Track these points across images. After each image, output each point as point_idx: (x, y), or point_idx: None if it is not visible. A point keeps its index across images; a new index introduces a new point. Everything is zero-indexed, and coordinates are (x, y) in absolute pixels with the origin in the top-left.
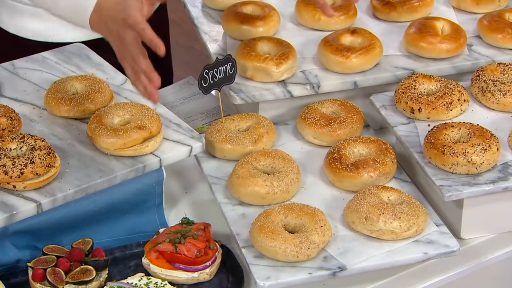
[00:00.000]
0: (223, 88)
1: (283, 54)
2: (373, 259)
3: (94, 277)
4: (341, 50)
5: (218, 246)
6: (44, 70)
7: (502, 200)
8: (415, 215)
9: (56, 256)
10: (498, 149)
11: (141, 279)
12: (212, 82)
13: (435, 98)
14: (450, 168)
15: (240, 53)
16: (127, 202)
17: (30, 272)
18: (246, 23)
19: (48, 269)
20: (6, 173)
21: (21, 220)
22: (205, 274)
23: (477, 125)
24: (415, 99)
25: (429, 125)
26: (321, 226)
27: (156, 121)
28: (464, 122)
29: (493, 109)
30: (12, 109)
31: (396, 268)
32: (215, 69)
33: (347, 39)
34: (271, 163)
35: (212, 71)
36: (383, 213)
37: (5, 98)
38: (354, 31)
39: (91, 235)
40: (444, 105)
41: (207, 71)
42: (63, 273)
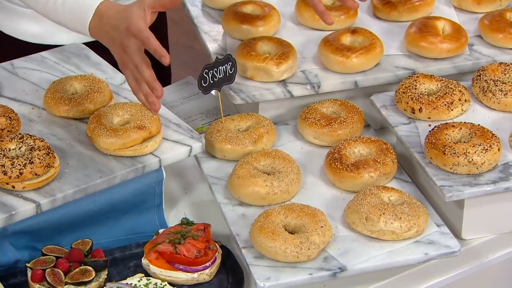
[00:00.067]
0: (223, 88)
1: (283, 54)
2: (374, 259)
3: (94, 278)
4: (342, 50)
5: (218, 246)
6: (43, 70)
7: (503, 201)
8: (415, 215)
9: (55, 256)
10: (499, 149)
11: (141, 279)
12: (212, 82)
13: (436, 98)
14: (451, 168)
15: (240, 52)
16: (126, 202)
17: (29, 273)
18: (246, 22)
19: (47, 270)
20: (5, 173)
21: (20, 221)
22: (205, 275)
23: (478, 125)
24: (415, 99)
25: (429, 125)
26: (322, 227)
27: (155, 121)
28: (465, 122)
29: (494, 109)
30: (11, 109)
31: (397, 269)
32: (215, 68)
33: (347, 39)
34: (271, 163)
35: (212, 71)
36: (383, 213)
37: (4, 98)
38: (354, 31)
39: (91, 235)
40: (445, 105)
41: (207, 71)
42: (62, 273)
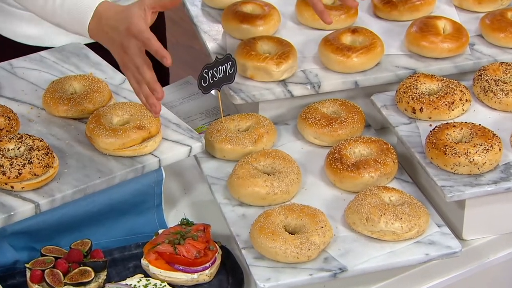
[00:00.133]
0: (222, 87)
1: (283, 54)
2: (374, 260)
3: (93, 279)
4: (342, 50)
5: (218, 247)
6: (42, 70)
7: (504, 201)
8: (416, 216)
9: (54, 257)
10: (500, 149)
11: (140, 280)
12: (211, 81)
13: (437, 98)
14: (452, 169)
15: (240, 52)
16: (126, 202)
17: (28, 274)
18: (246, 22)
19: (46, 271)
20: (4, 173)
21: (19, 221)
22: (204, 276)
23: (479, 125)
24: (416, 99)
25: (430, 125)
26: (322, 227)
27: (155, 121)
28: (466, 122)
29: (495, 109)
30: (10, 109)
31: (397, 269)
32: (215, 68)
33: (348, 38)
34: (271, 164)
35: (211, 71)
36: (384, 214)
37: (3, 98)
38: (355, 30)
39: (90, 236)
40: (446, 105)
41: (206, 70)
42: (61, 274)
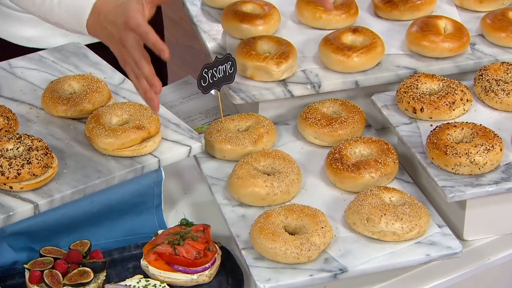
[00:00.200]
0: (222, 87)
1: (283, 53)
2: (375, 260)
3: (92, 279)
4: (342, 49)
5: (218, 247)
6: (41, 70)
7: (506, 201)
8: (417, 216)
9: (53, 258)
10: (501, 149)
11: (140, 281)
12: (211, 81)
13: (438, 97)
14: (452, 169)
15: (240, 52)
16: (125, 203)
17: (27, 274)
18: (246, 21)
19: (45, 271)
20: (2, 173)
21: (18, 222)
22: (204, 276)
23: (480, 125)
24: (417, 99)
25: (431, 125)
26: (322, 228)
27: (154, 121)
28: (467, 122)
29: (496, 109)
30: (8, 109)
31: (398, 270)
32: (215, 68)
33: (348, 38)
34: (271, 164)
35: (211, 71)
36: (384, 214)
37: (1, 98)
38: (355, 30)
39: (89, 236)
40: (447, 104)
41: (206, 70)
42: (60, 275)
